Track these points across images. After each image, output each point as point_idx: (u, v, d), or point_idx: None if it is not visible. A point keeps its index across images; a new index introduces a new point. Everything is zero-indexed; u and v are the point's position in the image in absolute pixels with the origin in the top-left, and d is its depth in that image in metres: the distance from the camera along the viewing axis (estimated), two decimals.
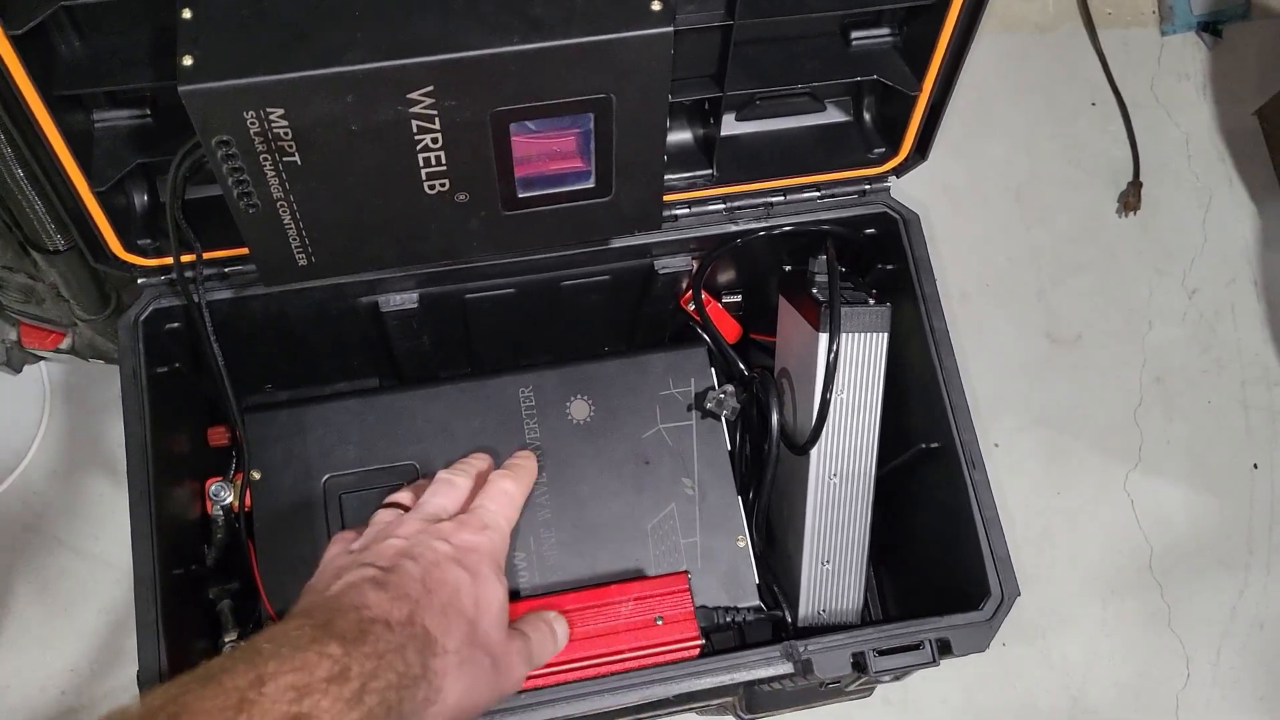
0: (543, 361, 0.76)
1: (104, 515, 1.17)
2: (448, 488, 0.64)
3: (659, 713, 0.84)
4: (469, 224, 0.58)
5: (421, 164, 0.53)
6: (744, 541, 0.74)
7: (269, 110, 0.48)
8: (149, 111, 0.60)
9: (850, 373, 0.71)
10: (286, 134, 0.50)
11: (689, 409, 0.76)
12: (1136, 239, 1.37)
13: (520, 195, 0.57)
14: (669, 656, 0.65)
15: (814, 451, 0.72)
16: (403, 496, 0.66)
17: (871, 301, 0.70)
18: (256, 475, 0.72)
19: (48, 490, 1.17)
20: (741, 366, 0.76)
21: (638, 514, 0.73)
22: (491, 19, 0.49)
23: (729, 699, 0.88)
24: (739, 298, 0.81)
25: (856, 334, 0.70)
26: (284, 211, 0.54)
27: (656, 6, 0.50)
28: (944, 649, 0.65)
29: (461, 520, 0.60)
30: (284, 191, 0.53)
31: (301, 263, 0.58)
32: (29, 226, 0.83)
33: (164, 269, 0.65)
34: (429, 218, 0.57)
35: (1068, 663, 1.22)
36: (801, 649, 0.64)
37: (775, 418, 0.73)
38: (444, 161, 0.54)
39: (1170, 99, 1.43)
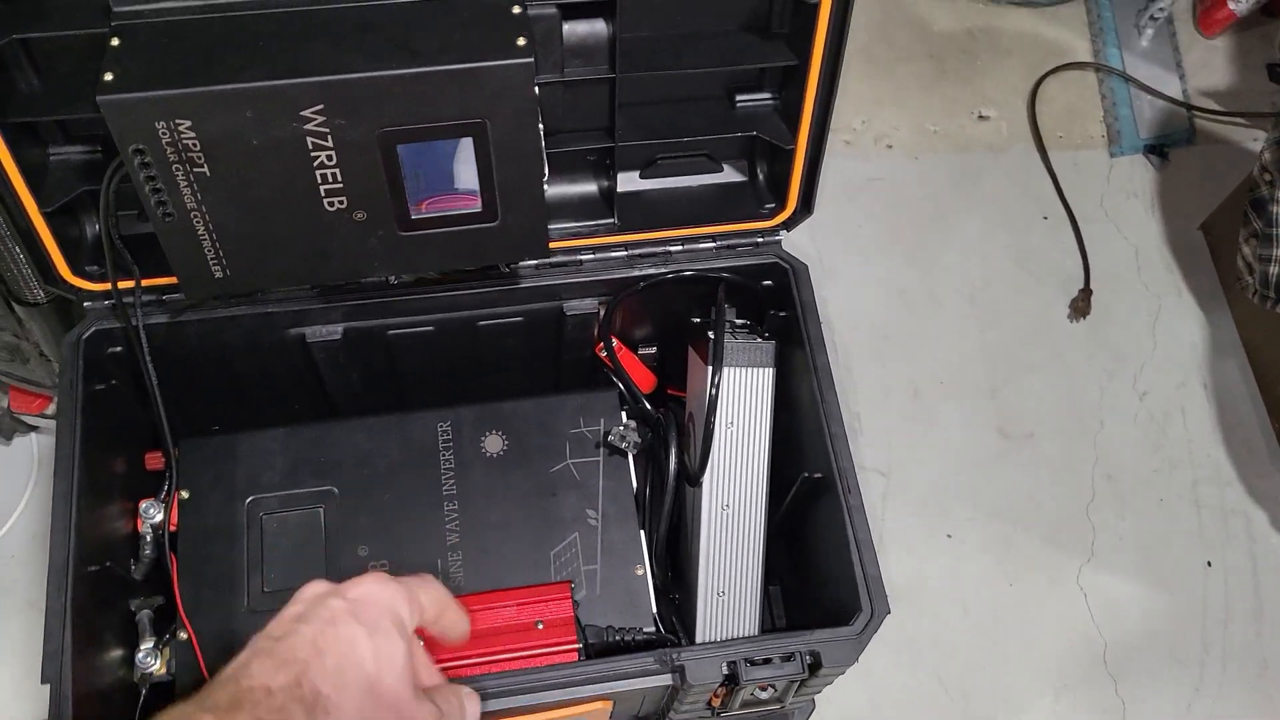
0: (465, 400, 0.82)
1: None
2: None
3: None
4: (368, 242, 0.64)
5: (319, 180, 0.61)
6: (642, 570, 0.77)
7: (178, 121, 0.56)
8: (100, 148, 0.68)
9: (737, 405, 0.75)
10: (195, 145, 0.57)
11: (597, 446, 0.81)
12: (1087, 342, 1.42)
13: (414, 216, 0.64)
14: (546, 659, 0.68)
15: (706, 483, 0.76)
16: None
17: (759, 340, 0.76)
18: (185, 494, 0.77)
19: (26, 555, 1.22)
20: (648, 406, 0.81)
21: (542, 541, 0.77)
22: (376, 47, 0.57)
23: None
24: (654, 350, 0.87)
25: (742, 368, 0.75)
26: (198, 222, 0.61)
27: (521, 42, 0.58)
28: (815, 662, 0.67)
29: (362, 577, 0.56)
30: (196, 202, 0.60)
31: (218, 274, 0.65)
32: (12, 279, 0.91)
33: (109, 294, 0.72)
34: (330, 235, 0.63)
35: None
36: (676, 656, 0.66)
37: (674, 449, 0.78)
38: (340, 179, 0.61)
39: (1119, 214, 1.50)
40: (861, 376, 1.38)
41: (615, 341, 0.83)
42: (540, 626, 0.69)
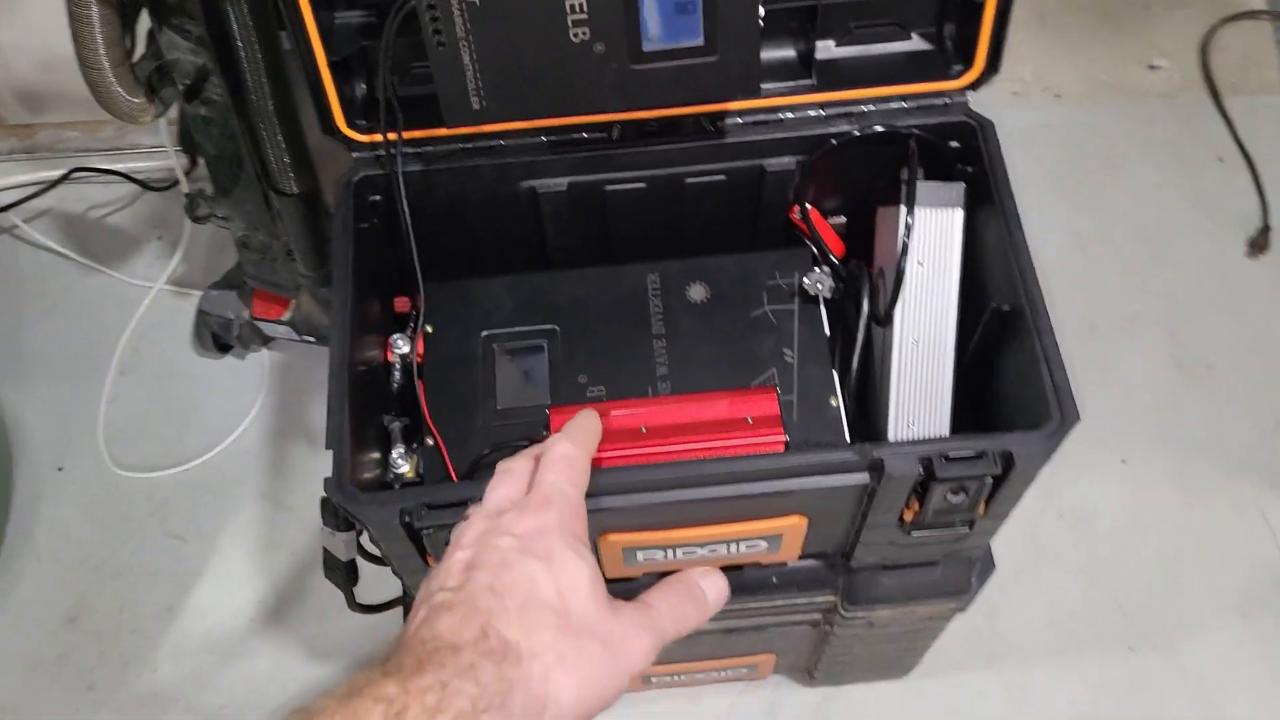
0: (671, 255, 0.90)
1: (301, 476, 1.34)
2: (506, 477, 0.61)
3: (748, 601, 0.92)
4: (605, 75, 0.73)
5: (568, 11, 0.70)
6: (836, 402, 0.84)
7: None
8: (374, 14, 0.80)
9: (928, 244, 0.81)
10: None
11: (792, 296, 0.88)
12: (1268, 279, 1.42)
13: (645, 49, 0.73)
14: (755, 449, 0.75)
15: (897, 319, 0.82)
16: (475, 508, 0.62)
17: (949, 182, 0.82)
18: (429, 329, 0.88)
19: (258, 453, 1.36)
20: (837, 261, 0.88)
21: (742, 374, 0.85)
22: None
23: (820, 616, 0.94)
24: (843, 221, 0.94)
25: (932, 208, 0.81)
26: (464, 51, 0.72)
27: None
28: (1007, 462, 0.72)
29: (522, 505, 0.56)
30: (465, 31, 0.71)
31: (475, 105, 0.75)
32: (273, 169, 1.05)
33: (374, 145, 0.84)
34: (573, 66, 0.73)
35: (1202, 674, 1.20)
36: (873, 450, 0.72)
37: (866, 290, 0.84)
38: (585, 10, 0.70)
39: None
40: None
41: (810, 209, 0.90)
42: (750, 421, 0.76)
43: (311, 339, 1.32)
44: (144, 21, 0.96)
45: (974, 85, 0.85)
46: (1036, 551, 1.27)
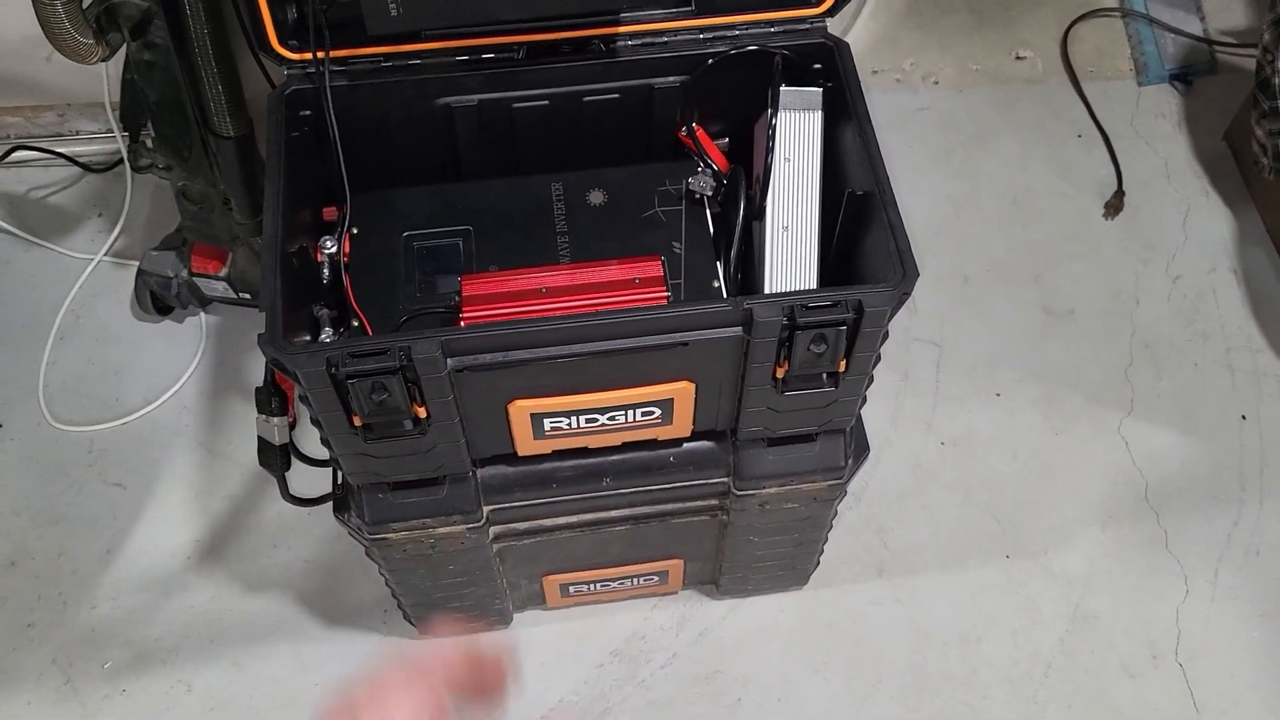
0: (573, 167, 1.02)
1: (237, 426, 1.42)
2: None
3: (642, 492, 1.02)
4: None
5: None
6: (718, 284, 0.95)
7: None
8: None
9: (792, 142, 0.94)
10: None
11: (680, 199, 1.00)
12: (1122, 236, 1.57)
13: None
14: (642, 304, 0.85)
15: (768, 208, 0.94)
16: None
17: (808, 88, 0.94)
18: (355, 231, 0.98)
19: (197, 406, 1.44)
20: (717, 168, 1.00)
21: None
22: None
23: (715, 498, 1.04)
24: (726, 140, 1.06)
25: (795, 111, 0.93)
26: None
27: None
28: (858, 310, 0.84)
29: None
30: None
31: (393, 13, 0.86)
32: (211, 112, 1.14)
33: (304, 63, 0.94)
34: None
35: (1069, 575, 1.32)
36: (745, 302, 0.83)
37: (741, 188, 0.96)
38: None
39: (1148, 132, 1.66)
40: None
41: (696, 128, 1.02)
42: (637, 281, 0.87)
43: (248, 296, 1.41)
44: None
45: (831, 11, 0.98)
46: (921, 476, 1.39)
